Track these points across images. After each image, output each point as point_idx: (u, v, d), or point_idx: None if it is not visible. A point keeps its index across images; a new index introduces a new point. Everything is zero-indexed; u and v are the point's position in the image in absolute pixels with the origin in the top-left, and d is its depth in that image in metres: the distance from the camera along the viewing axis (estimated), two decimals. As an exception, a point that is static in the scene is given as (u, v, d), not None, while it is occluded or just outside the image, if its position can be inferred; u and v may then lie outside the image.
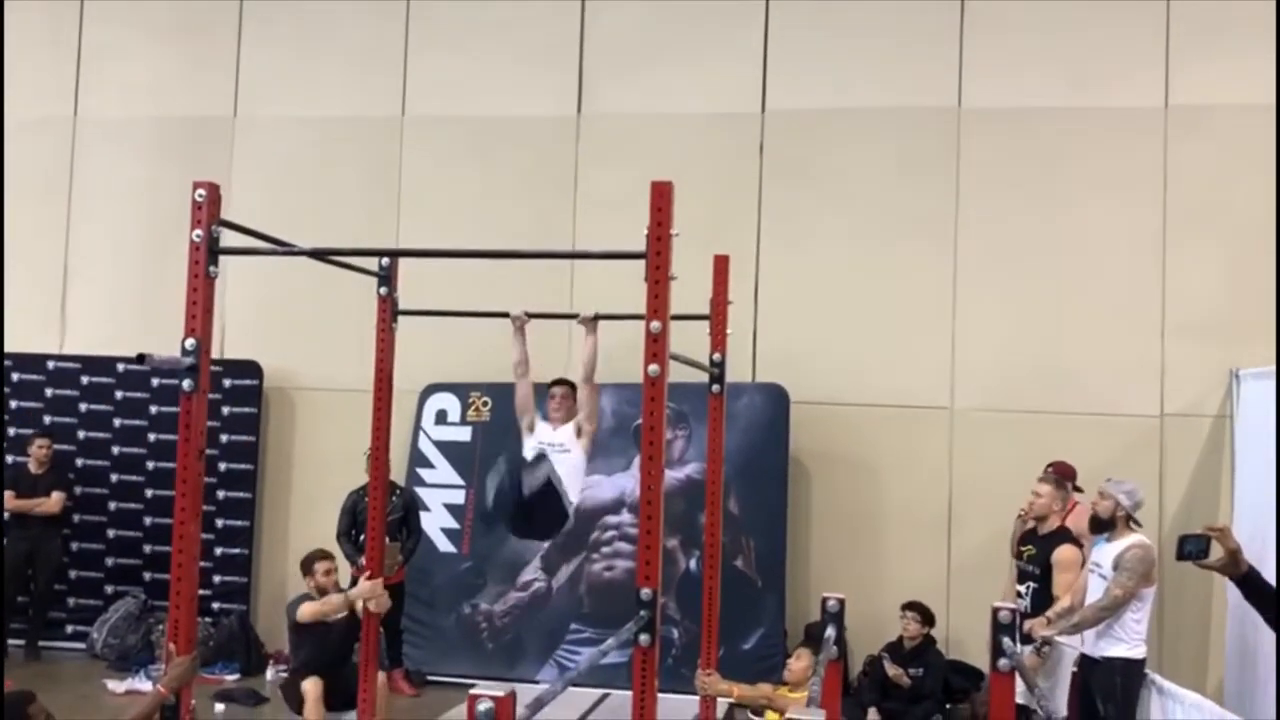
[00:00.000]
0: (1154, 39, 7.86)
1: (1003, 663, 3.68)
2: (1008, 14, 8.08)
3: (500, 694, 2.31)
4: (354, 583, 7.26)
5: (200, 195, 3.77)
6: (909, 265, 8.09)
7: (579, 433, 5.56)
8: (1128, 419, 7.68)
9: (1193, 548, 3.40)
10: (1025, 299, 7.92)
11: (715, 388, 5.50)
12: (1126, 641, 5.38)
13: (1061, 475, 6.22)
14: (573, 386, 5.74)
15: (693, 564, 7.55)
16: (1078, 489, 6.47)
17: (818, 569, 8.00)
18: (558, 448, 5.53)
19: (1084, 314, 7.83)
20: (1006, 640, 3.69)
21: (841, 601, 4.76)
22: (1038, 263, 7.93)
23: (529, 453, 5.57)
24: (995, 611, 3.71)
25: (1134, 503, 5.55)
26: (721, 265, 5.60)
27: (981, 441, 7.81)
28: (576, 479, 5.52)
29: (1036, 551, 5.91)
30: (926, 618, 7.02)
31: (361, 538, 7.24)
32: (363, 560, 7.20)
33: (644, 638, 3.43)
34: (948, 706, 7.15)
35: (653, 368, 3.51)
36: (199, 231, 3.75)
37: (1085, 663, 5.54)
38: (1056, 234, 7.92)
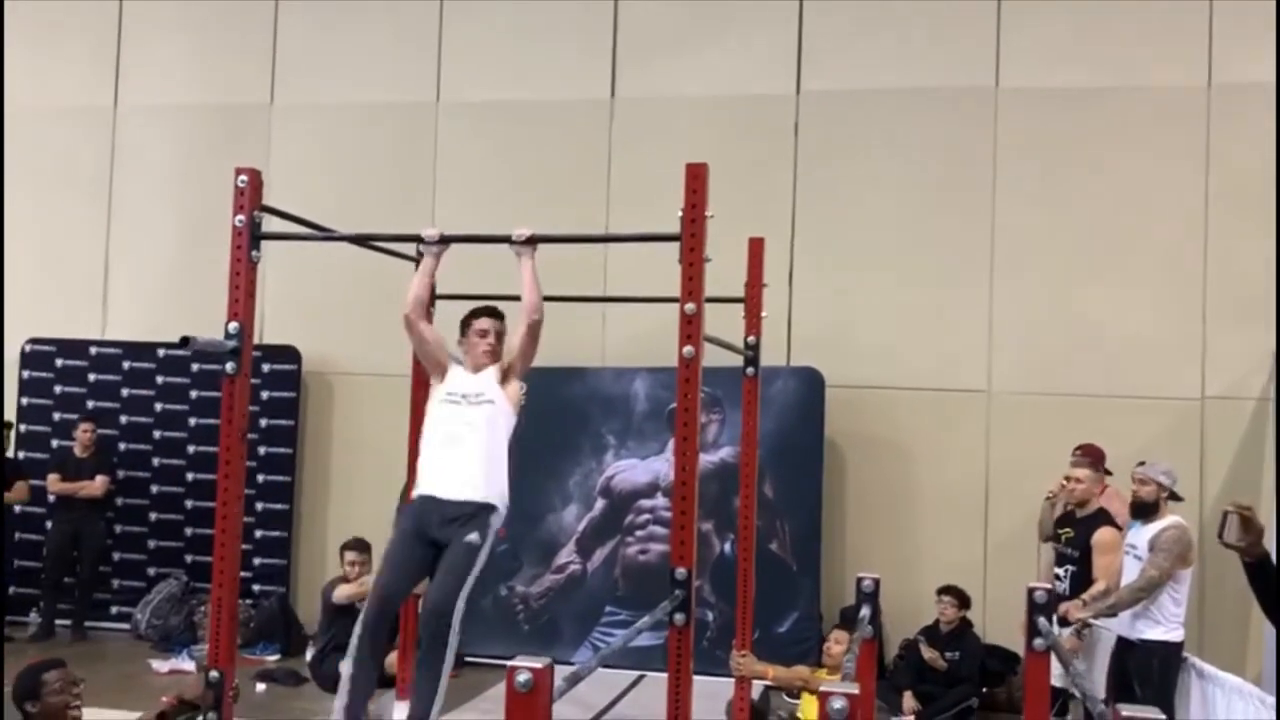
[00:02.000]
0: (1197, 17, 7.74)
1: (1038, 643, 3.68)
2: (1045, -7, 7.99)
3: (539, 665, 2.34)
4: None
5: (242, 181, 3.82)
6: (945, 247, 8.04)
7: (504, 377, 4.43)
8: (1168, 401, 7.60)
9: (1221, 526, 3.40)
10: (1064, 281, 7.85)
11: (750, 371, 5.50)
12: (1164, 624, 5.35)
13: (1095, 459, 6.18)
14: (498, 316, 4.54)
15: (727, 547, 7.56)
16: (1108, 471, 6.44)
17: (853, 552, 8.00)
18: (473, 398, 4.36)
19: (1124, 296, 7.74)
20: (1042, 620, 3.68)
21: (876, 581, 4.77)
22: (1076, 244, 7.85)
23: (433, 405, 4.42)
24: (1030, 592, 3.71)
25: (1173, 480, 5.52)
26: (756, 248, 5.59)
27: (1019, 424, 7.76)
28: (498, 443, 4.35)
29: (1075, 534, 5.87)
30: (963, 601, 7.00)
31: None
32: None
33: (679, 617, 3.45)
34: (984, 690, 7.13)
35: (687, 349, 3.52)
36: (241, 217, 3.80)
37: (1122, 645, 5.52)
38: (1096, 215, 7.84)
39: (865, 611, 4.35)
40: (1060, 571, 5.90)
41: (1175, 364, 7.64)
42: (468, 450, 4.29)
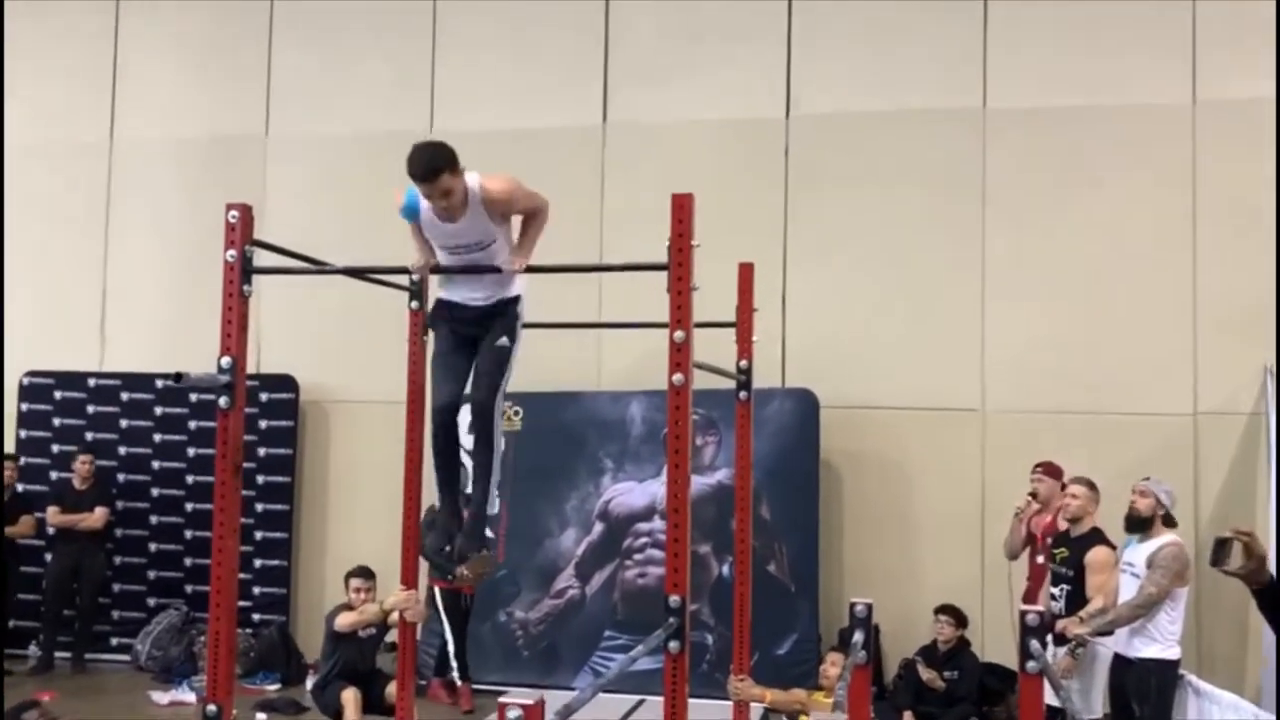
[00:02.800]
0: (1180, 34, 7.82)
1: (1030, 665, 3.69)
2: (1031, 13, 8.07)
3: (529, 702, 2.36)
4: (449, 596, 7.42)
5: (233, 217, 3.86)
6: (937, 267, 8.09)
7: (501, 217, 4.10)
8: (1161, 418, 7.64)
9: (1215, 552, 3.29)
10: (1054, 299, 7.90)
11: (743, 394, 5.53)
12: (1161, 642, 5.37)
13: (1056, 475, 6.35)
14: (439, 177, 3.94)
15: (725, 569, 7.58)
16: (1064, 487, 6.52)
17: (851, 573, 8.01)
18: (467, 248, 4.07)
19: (1115, 313, 7.80)
20: (1034, 643, 3.69)
21: (869, 606, 4.77)
22: (1067, 262, 7.90)
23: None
24: (1023, 615, 3.72)
25: (1172, 501, 5.54)
26: (746, 273, 5.63)
27: (1013, 443, 7.78)
28: (504, 257, 4.10)
29: (1070, 553, 5.88)
30: (960, 620, 7.01)
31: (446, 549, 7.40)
32: (465, 570, 7.36)
33: (673, 644, 3.47)
34: (983, 709, 7.14)
35: (677, 377, 3.55)
36: (233, 252, 3.84)
37: (1119, 663, 5.53)
38: (1085, 233, 7.89)
39: (858, 636, 4.35)
40: (1055, 591, 5.91)
41: (1167, 380, 7.68)
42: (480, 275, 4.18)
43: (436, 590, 7.55)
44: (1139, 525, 5.53)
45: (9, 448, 8.83)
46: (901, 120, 8.19)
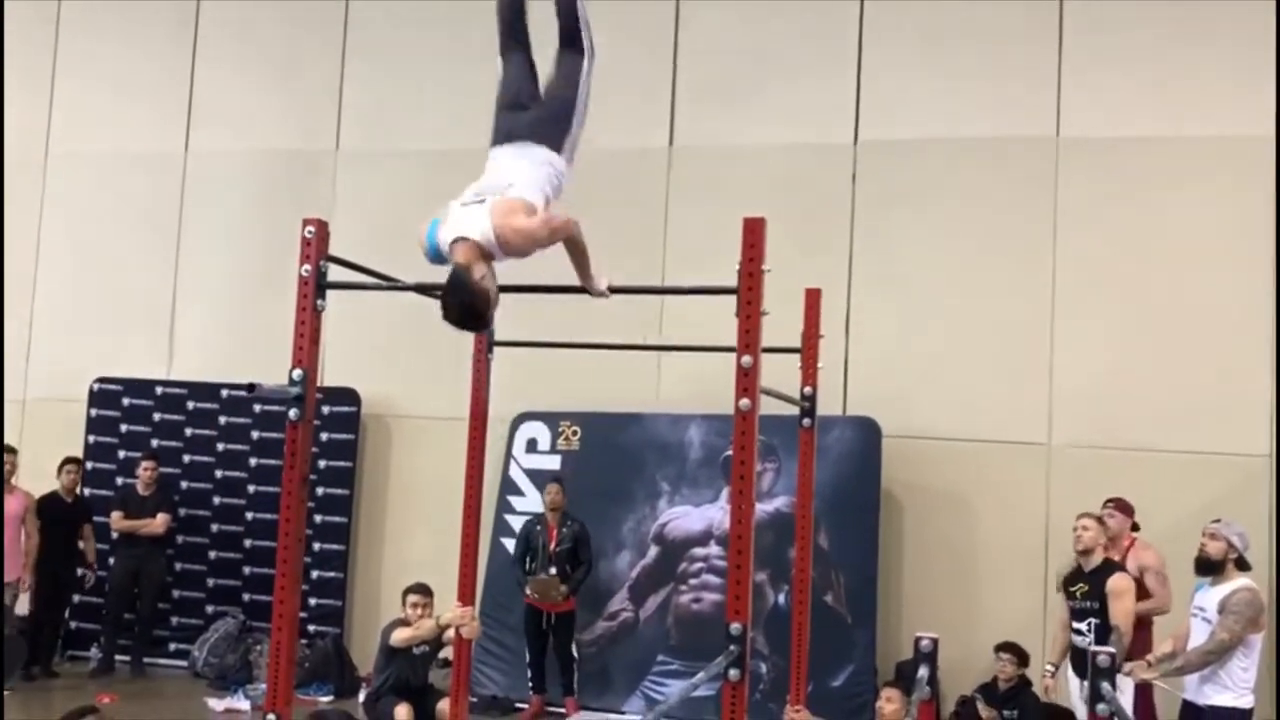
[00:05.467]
0: (1259, 65, 7.65)
1: (1101, 707, 3.59)
2: (1107, 42, 7.95)
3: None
4: (530, 613, 7.43)
5: (309, 232, 3.90)
6: (1005, 297, 7.97)
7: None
8: (1235, 458, 7.43)
9: None
10: (1126, 332, 7.74)
11: (806, 421, 5.47)
12: (1233, 690, 5.21)
13: (1127, 512, 6.41)
14: None
15: (781, 598, 7.49)
16: (1135, 526, 6.40)
17: (910, 606, 7.88)
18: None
19: (1188, 347, 7.61)
20: (1105, 685, 3.59)
21: (935, 641, 4.69)
22: (1139, 295, 7.75)
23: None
24: (1093, 656, 3.62)
25: (1245, 545, 5.39)
26: (813, 299, 5.58)
27: (1080, 479, 7.61)
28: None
29: (1089, 586, 5.84)
30: (1021, 659, 6.86)
31: (533, 564, 7.44)
32: (529, 590, 7.41)
33: (734, 673, 3.42)
34: (1043, 750, 6.95)
35: (744, 402, 3.51)
36: (307, 267, 3.87)
37: (1189, 711, 5.37)
38: (1159, 266, 7.73)
39: (923, 672, 4.27)
40: (1083, 626, 5.83)
41: (1242, 419, 7.48)
42: None
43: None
44: (1210, 569, 5.40)
45: (77, 452, 8.99)
46: (972, 148, 8.10)
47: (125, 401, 9.21)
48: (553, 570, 7.47)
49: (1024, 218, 7.99)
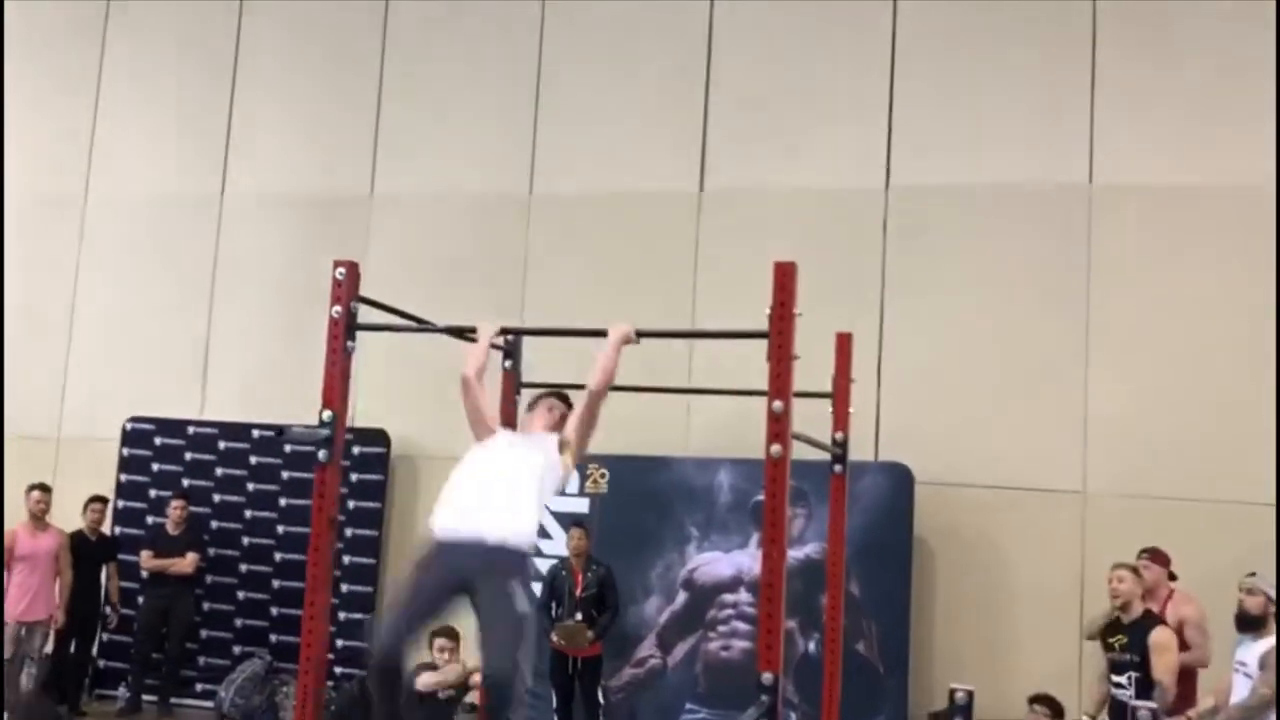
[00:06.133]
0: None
1: (1142, 764, 3.52)
2: (1141, 89, 7.92)
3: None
4: (556, 659, 7.33)
5: (340, 273, 3.92)
6: (1038, 343, 7.90)
7: (561, 447, 4.16)
8: (1271, 508, 7.28)
9: None
10: (1162, 379, 7.64)
11: (837, 467, 5.43)
12: (1276, 746, 5.08)
13: (1162, 562, 6.30)
14: (566, 402, 4.37)
15: (812, 646, 7.39)
16: (1173, 575, 6.32)
17: (942, 655, 7.75)
18: (519, 448, 4.10)
19: (1224, 396, 7.50)
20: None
21: (970, 694, 4.63)
22: (1174, 342, 7.65)
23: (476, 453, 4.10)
24: (1134, 711, 3.55)
25: (1284, 598, 5.29)
26: (844, 344, 5.56)
27: (1115, 527, 7.48)
28: (542, 491, 4.03)
29: (1129, 639, 5.72)
30: (1056, 711, 6.71)
31: (559, 610, 7.34)
32: (555, 635, 7.32)
33: (764, 723, 3.37)
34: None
35: (775, 448, 3.50)
36: (338, 308, 3.89)
37: (1230, 768, 5.24)
38: (1195, 313, 7.64)
39: (957, 722, 4.21)
40: (1123, 679, 5.69)
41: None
42: (504, 489, 3.91)
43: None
44: (1251, 624, 5.32)
45: (109, 490, 9.04)
46: (1004, 194, 8.07)
47: (157, 441, 9.26)
48: (579, 616, 7.39)
49: (1057, 264, 7.93)
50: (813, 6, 8.61)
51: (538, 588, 7.85)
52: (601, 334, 4.18)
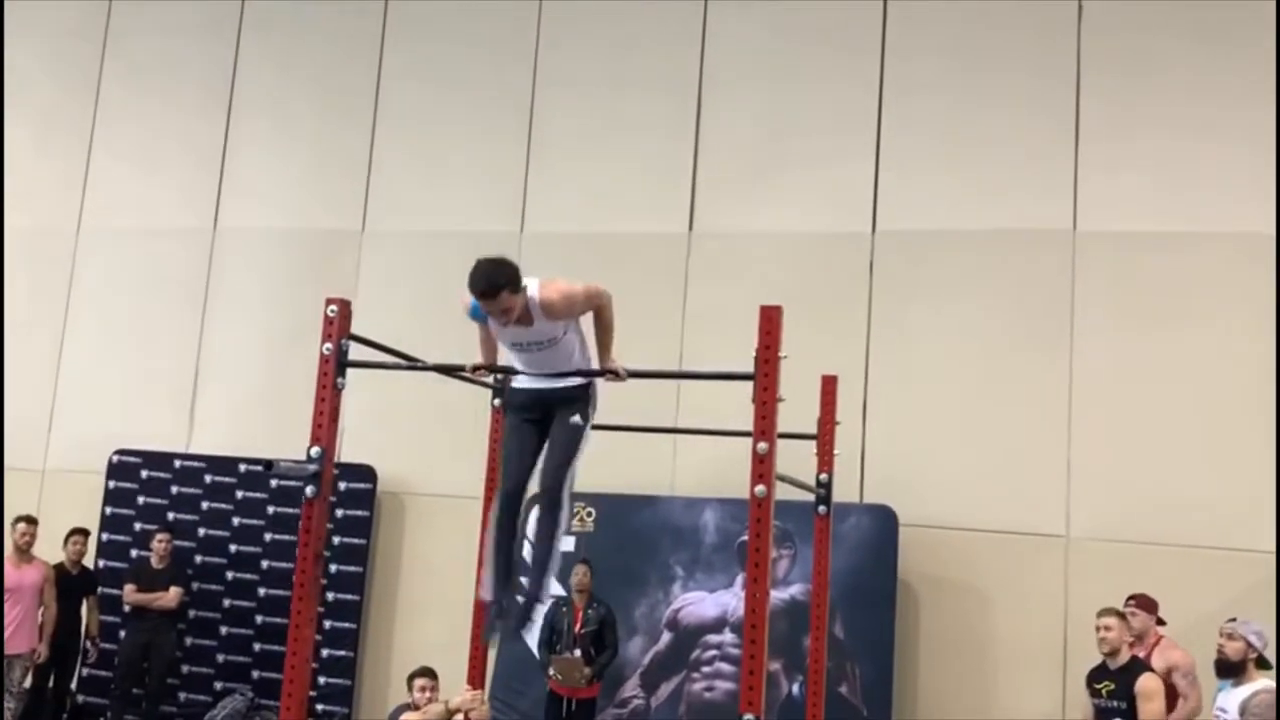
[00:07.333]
0: (1270, 164, 7.72)
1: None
2: (1124, 138, 8.04)
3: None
4: (552, 699, 7.29)
5: (332, 311, 3.97)
6: (1022, 388, 7.96)
7: (565, 327, 4.30)
8: (1258, 555, 7.32)
9: None
10: (1144, 425, 7.70)
11: (822, 509, 5.46)
12: (1256, 793, 5.09)
13: (1149, 609, 6.32)
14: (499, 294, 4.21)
15: (796, 688, 7.38)
16: (1160, 621, 6.35)
17: (926, 699, 7.75)
18: (537, 345, 4.28)
19: (1208, 443, 7.56)
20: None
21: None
22: (1157, 389, 7.72)
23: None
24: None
25: (1264, 643, 5.31)
26: (829, 386, 5.61)
27: (1099, 572, 7.52)
28: (579, 348, 4.37)
29: (1116, 685, 5.75)
30: (1040, 756, 6.72)
31: (558, 646, 7.32)
32: (552, 670, 7.29)
33: (745, 764, 3.38)
34: None
35: (760, 489, 3.53)
36: (329, 345, 3.93)
37: (1212, 813, 5.25)
38: (1176, 360, 7.72)
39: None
40: None
41: (1263, 515, 7.39)
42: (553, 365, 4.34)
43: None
44: (1230, 670, 5.33)
45: (94, 523, 9.01)
46: (989, 240, 8.16)
47: (144, 474, 9.24)
48: (577, 652, 7.37)
49: (1041, 310, 8.02)
50: (802, 53, 8.74)
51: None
52: (593, 374, 4.24)
